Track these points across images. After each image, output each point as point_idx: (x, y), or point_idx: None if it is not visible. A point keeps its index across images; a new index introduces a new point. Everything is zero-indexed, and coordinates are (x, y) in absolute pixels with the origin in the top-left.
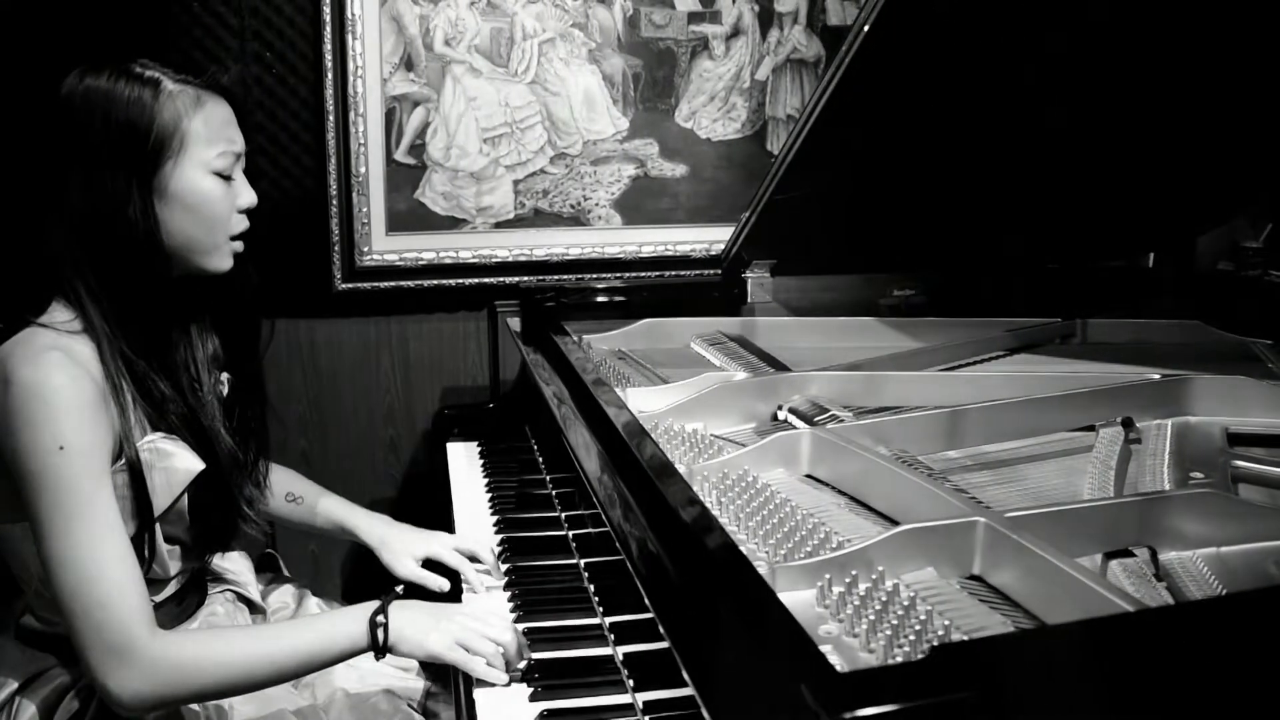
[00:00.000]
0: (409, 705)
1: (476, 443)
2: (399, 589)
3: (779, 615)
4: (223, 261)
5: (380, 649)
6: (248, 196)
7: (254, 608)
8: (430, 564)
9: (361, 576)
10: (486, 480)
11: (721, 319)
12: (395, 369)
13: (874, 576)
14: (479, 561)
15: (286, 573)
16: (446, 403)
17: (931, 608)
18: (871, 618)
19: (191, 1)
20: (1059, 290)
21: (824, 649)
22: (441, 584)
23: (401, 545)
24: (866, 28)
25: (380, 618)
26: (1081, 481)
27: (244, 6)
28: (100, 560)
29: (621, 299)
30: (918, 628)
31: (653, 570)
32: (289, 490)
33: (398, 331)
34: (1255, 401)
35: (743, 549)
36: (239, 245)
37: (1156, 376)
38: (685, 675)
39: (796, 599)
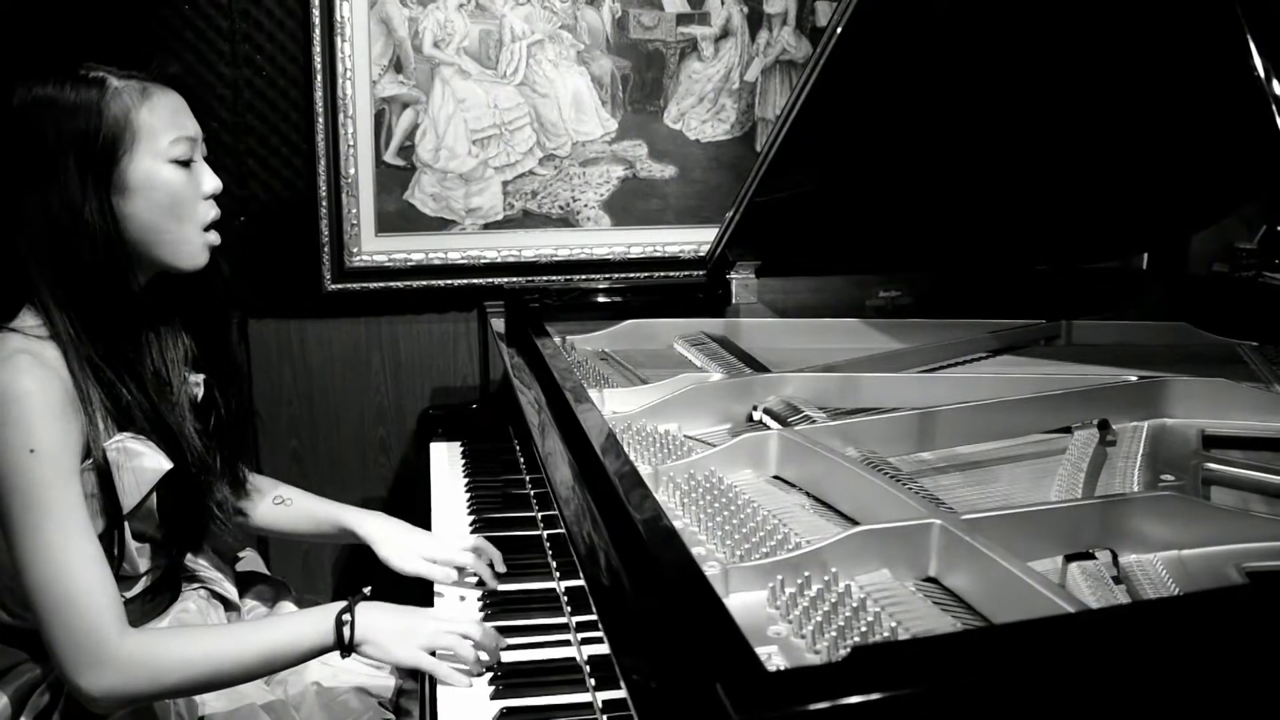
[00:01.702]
0: (380, 703)
1: (460, 443)
2: (366, 590)
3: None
4: (197, 256)
5: (346, 647)
6: (210, 182)
7: (229, 605)
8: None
9: (353, 576)
10: (466, 480)
11: (706, 320)
12: (386, 369)
13: (826, 578)
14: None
15: (266, 570)
16: (436, 403)
17: (882, 609)
18: (819, 618)
19: (182, 4)
20: (1047, 292)
21: (770, 649)
22: (449, 574)
23: (410, 544)
24: (840, 29)
25: (346, 616)
26: (1052, 484)
27: (234, 9)
28: (70, 560)
29: (606, 300)
30: (863, 629)
31: (596, 571)
32: (276, 494)
33: (388, 332)
34: (1233, 404)
35: (700, 550)
36: (214, 238)
37: (1133, 379)
38: (619, 675)
39: (748, 600)
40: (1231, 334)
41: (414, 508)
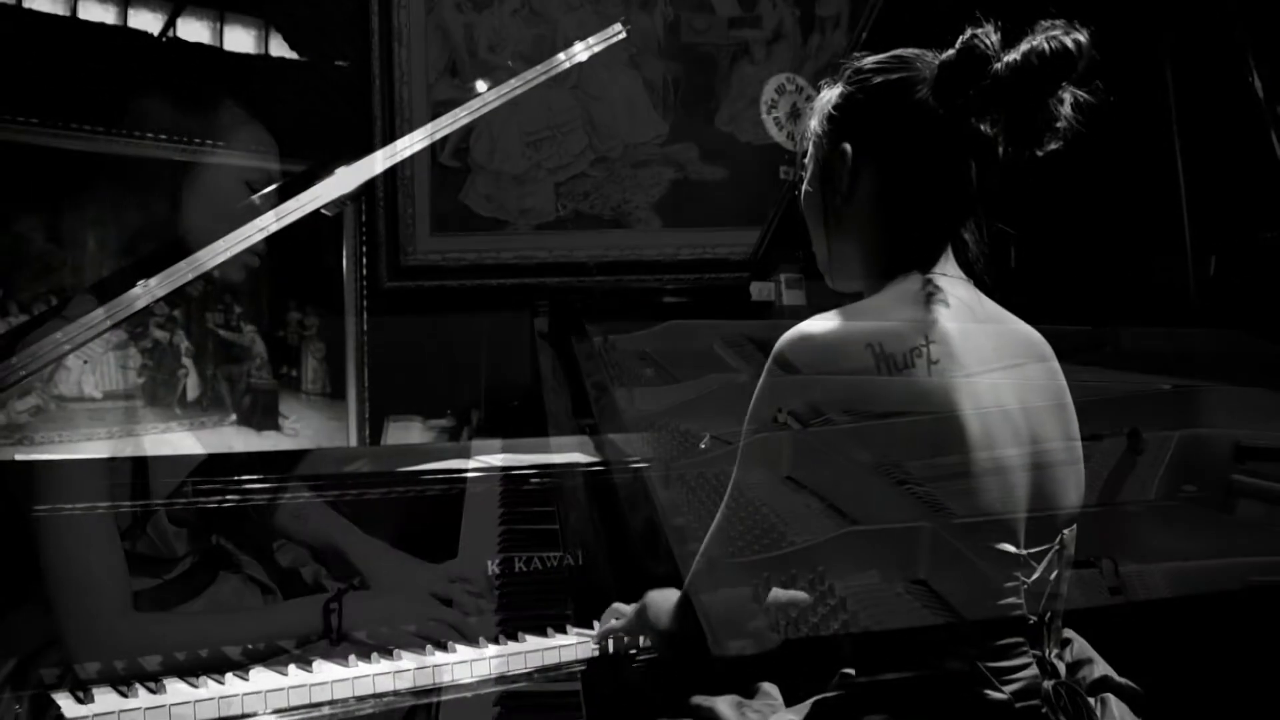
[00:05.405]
0: None
1: (499, 439)
2: (355, 580)
3: None
4: (234, 272)
5: (335, 636)
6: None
7: (266, 589)
8: None
9: None
10: (501, 475)
11: (748, 322)
12: (440, 366)
13: (811, 577)
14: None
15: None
16: (490, 400)
17: (862, 608)
18: (794, 615)
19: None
20: (1100, 296)
21: (743, 643)
22: None
23: (393, 580)
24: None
25: (333, 604)
26: None
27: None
28: (80, 540)
29: (649, 301)
30: (836, 627)
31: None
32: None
33: (442, 329)
34: (1272, 415)
35: (696, 546)
36: (252, 261)
37: (1167, 387)
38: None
39: (732, 595)
40: None
41: (453, 503)
